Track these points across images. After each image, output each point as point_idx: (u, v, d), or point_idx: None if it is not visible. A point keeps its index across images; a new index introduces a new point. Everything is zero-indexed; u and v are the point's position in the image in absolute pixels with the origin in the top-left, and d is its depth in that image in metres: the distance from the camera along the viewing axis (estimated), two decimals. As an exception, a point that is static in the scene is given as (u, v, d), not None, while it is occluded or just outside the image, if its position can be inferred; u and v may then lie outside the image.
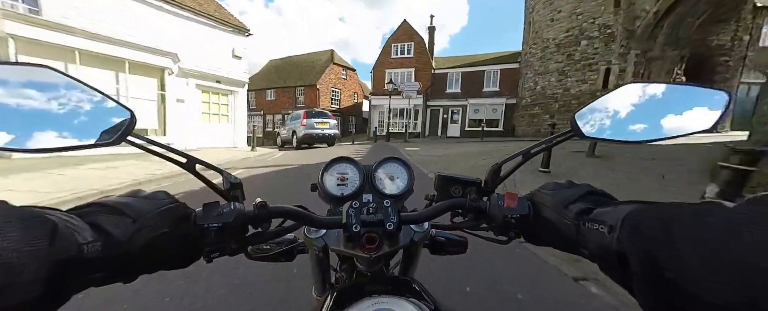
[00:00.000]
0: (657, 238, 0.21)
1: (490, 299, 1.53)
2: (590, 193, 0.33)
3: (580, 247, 0.30)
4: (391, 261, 0.57)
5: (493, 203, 0.38)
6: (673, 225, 0.20)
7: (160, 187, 0.81)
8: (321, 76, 23.28)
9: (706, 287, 0.17)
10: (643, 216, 0.23)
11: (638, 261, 0.22)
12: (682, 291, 0.18)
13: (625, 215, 0.24)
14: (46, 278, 0.20)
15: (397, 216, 0.38)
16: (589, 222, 0.28)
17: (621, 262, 0.23)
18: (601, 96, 0.36)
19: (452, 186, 0.45)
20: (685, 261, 0.18)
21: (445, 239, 0.56)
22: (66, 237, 0.21)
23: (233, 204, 0.34)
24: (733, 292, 0.16)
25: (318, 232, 0.45)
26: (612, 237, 0.25)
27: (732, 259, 0.16)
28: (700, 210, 0.20)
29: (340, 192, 0.52)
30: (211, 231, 0.32)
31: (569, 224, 0.31)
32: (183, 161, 0.34)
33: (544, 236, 0.36)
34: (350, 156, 0.55)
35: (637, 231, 0.23)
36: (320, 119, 11.11)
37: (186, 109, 9.42)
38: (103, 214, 0.27)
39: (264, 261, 0.50)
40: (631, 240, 0.23)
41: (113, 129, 0.30)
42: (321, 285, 0.55)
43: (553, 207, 0.34)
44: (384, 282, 0.42)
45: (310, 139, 10.92)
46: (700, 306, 0.17)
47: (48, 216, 0.21)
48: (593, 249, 0.28)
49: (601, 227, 0.26)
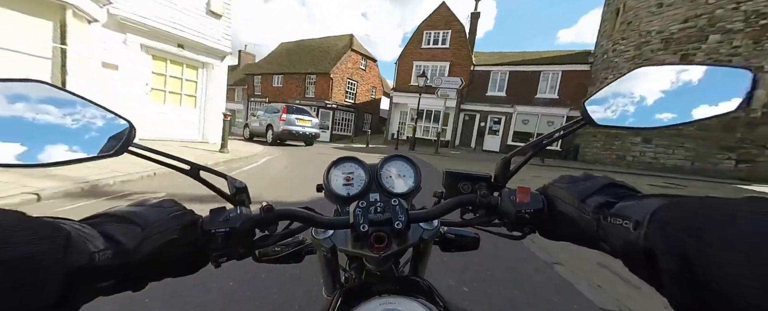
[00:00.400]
0: (690, 236, 0.19)
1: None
2: (610, 185, 0.32)
3: (601, 242, 0.29)
4: (400, 260, 0.56)
5: (505, 198, 0.38)
6: (710, 223, 0.19)
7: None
8: (336, 64, 19.81)
9: (746, 289, 0.16)
10: (673, 212, 0.22)
11: (669, 260, 0.20)
12: (716, 292, 0.17)
13: (653, 210, 0.23)
14: (59, 285, 0.20)
15: (405, 215, 0.38)
16: (611, 217, 0.27)
17: (648, 259, 0.22)
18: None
19: (461, 183, 0.45)
20: (722, 262, 0.17)
21: (456, 236, 0.54)
22: (78, 246, 0.22)
23: (239, 209, 0.34)
24: None
25: (326, 233, 0.45)
26: (638, 233, 0.23)
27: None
28: (741, 207, 0.18)
29: (346, 191, 0.52)
30: (219, 236, 0.32)
31: (588, 218, 0.30)
32: (187, 168, 0.35)
33: (560, 231, 0.35)
34: (355, 156, 0.56)
35: (668, 229, 0.21)
36: (301, 116, 9.99)
37: (122, 82, 6.08)
38: (113, 223, 0.27)
39: (272, 263, 0.48)
40: (661, 238, 0.21)
41: (113, 140, 0.30)
42: (331, 285, 0.53)
43: (569, 201, 0.33)
44: (393, 282, 0.41)
45: (289, 136, 9.73)
46: (737, 308, 0.17)
47: (61, 225, 0.22)
48: (616, 245, 0.26)
49: (626, 222, 0.25)
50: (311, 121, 10.25)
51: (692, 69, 0.30)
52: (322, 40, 23.60)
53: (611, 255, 0.28)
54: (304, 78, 20.89)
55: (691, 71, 0.30)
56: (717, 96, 0.28)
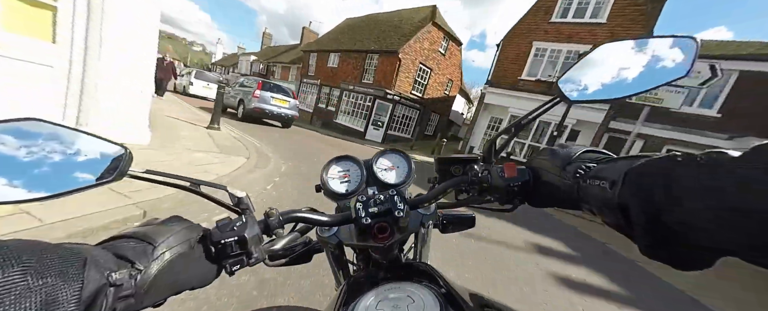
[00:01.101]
0: (660, 191, 0.22)
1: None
2: (587, 152, 0.35)
3: (582, 203, 0.31)
4: (404, 248, 0.58)
5: (494, 175, 0.40)
6: (677, 178, 0.21)
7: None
8: (408, 41, 14.43)
9: (705, 232, 0.19)
10: (644, 170, 0.24)
11: (640, 213, 0.23)
12: (682, 238, 0.20)
13: (626, 170, 0.26)
14: (83, 306, 0.22)
15: (404, 203, 0.40)
16: (589, 179, 0.30)
17: (623, 214, 0.25)
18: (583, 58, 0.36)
19: (453, 166, 0.49)
20: (687, 211, 0.20)
21: (453, 217, 0.57)
22: (96, 269, 0.23)
23: (244, 217, 0.36)
24: (740, 238, 0.17)
25: (330, 230, 0.46)
26: (613, 192, 0.26)
27: (736, 207, 0.17)
28: (706, 160, 0.20)
29: (344, 188, 0.55)
30: (228, 245, 0.33)
31: (570, 183, 0.32)
32: (187, 185, 0.37)
33: (546, 199, 0.37)
34: (347, 154, 0.59)
35: (640, 185, 0.24)
36: (278, 95, 8.95)
37: None
38: (125, 244, 0.28)
39: (282, 266, 0.49)
40: (633, 194, 0.24)
41: (111, 166, 0.31)
42: (341, 278, 0.56)
43: (552, 170, 0.36)
44: (396, 269, 0.42)
45: (262, 114, 8.68)
46: (699, 250, 0.20)
47: (79, 251, 0.24)
48: (595, 204, 0.29)
49: (603, 183, 0.28)
50: (289, 101, 9.28)
51: (646, 41, 0.34)
52: (394, 13, 18.49)
53: (591, 213, 0.31)
54: (363, 58, 16.18)
55: (645, 43, 0.34)
56: (669, 63, 0.32)
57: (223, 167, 3.32)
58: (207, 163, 3.33)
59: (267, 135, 7.29)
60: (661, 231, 0.22)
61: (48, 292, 0.20)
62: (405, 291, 0.33)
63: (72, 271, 0.22)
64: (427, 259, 0.58)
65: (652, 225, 0.22)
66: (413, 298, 0.32)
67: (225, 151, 4.12)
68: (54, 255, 0.22)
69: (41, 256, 0.21)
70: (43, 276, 0.20)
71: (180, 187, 0.36)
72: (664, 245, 0.22)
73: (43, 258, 0.21)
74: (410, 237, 0.49)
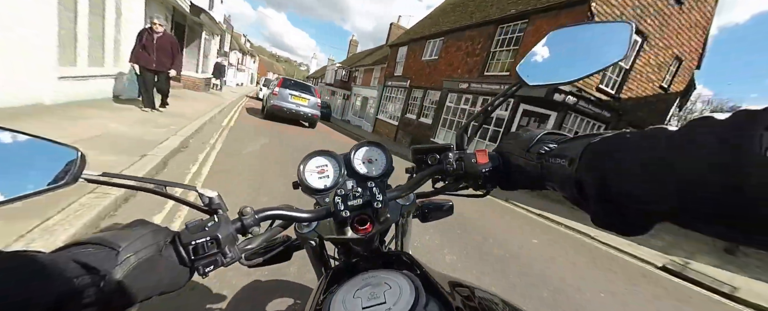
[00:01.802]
0: (607, 163, 0.24)
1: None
2: (548, 134, 0.36)
3: (546, 182, 0.33)
4: (386, 239, 0.58)
5: (467, 162, 0.41)
6: (621, 150, 0.24)
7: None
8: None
9: (647, 197, 0.20)
10: (598, 148, 0.26)
11: (591, 185, 0.25)
12: (624, 206, 0.23)
13: (583, 148, 0.28)
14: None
15: (382, 195, 0.40)
16: (551, 158, 0.32)
17: (579, 189, 0.27)
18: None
19: (429, 155, 0.47)
20: (628, 178, 0.22)
21: (432, 206, 0.60)
22: (55, 276, 0.22)
23: (216, 217, 0.34)
24: (668, 201, 0.19)
25: (310, 226, 0.46)
26: (572, 169, 0.28)
27: (670, 171, 0.19)
28: (645, 133, 0.23)
29: (322, 184, 0.53)
30: (200, 246, 0.32)
31: (534, 164, 0.34)
32: (151, 187, 0.34)
33: (515, 182, 0.39)
34: (324, 149, 0.57)
35: (592, 160, 0.26)
36: (298, 92, 8.57)
37: None
38: (86, 250, 0.27)
39: (260, 266, 0.49)
40: (587, 169, 0.26)
41: (64, 170, 0.29)
42: (323, 274, 0.54)
43: (518, 153, 0.37)
44: (376, 258, 0.42)
45: (280, 112, 8.39)
46: (641, 214, 0.22)
47: (37, 258, 0.23)
48: (556, 181, 0.31)
49: (563, 161, 0.30)
50: (309, 99, 8.73)
51: (588, 26, 0.37)
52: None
53: (554, 190, 0.33)
54: (491, 33, 9.20)
55: (588, 29, 0.36)
56: (610, 47, 0.34)
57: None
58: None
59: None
60: (608, 201, 0.24)
61: (5, 304, 0.19)
62: (383, 279, 0.34)
63: (31, 280, 0.21)
64: (408, 248, 0.59)
65: (601, 196, 0.25)
66: (390, 285, 0.33)
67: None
68: (12, 264, 0.21)
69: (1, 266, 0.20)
70: (6, 288, 0.19)
71: (143, 189, 0.34)
72: (610, 214, 0.25)
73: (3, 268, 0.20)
74: (391, 227, 0.50)
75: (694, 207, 0.18)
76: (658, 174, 0.20)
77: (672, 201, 0.19)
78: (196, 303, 1.37)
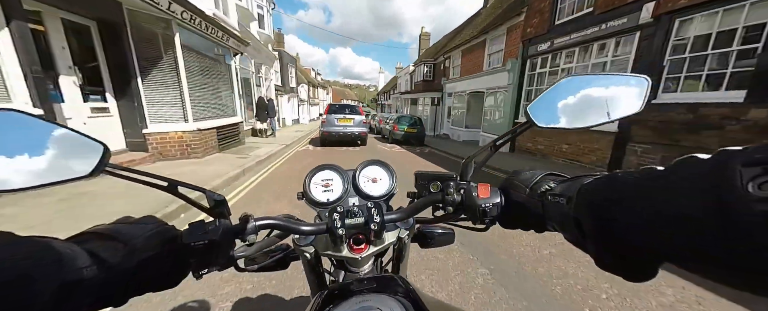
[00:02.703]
0: (605, 203, 0.24)
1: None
2: (549, 174, 0.37)
3: (547, 221, 0.33)
4: (383, 260, 0.60)
5: (468, 195, 0.40)
6: (614, 191, 0.24)
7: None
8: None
9: (642, 238, 0.21)
10: (592, 187, 0.27)
11: (590, 226, 0.25)
12: (626, 247, 0.22)
13: (578, 187, 0.28)
14: (51, 303, 0.22)
15: (380, 216, 0.40)
16: (552, 197, 0.32)
17: (578, 229, 0.27)
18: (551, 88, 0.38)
19: (431, 182, 0.47)
20: (626, 218, 0.22)
21: (431, 232, 0.59)
22: (68, 264, 0.24)
23: (219, 221, 0.35)
24: (669, 240, 0.19)
25: (307, 239, 0.46)
26: (569, 207, 0.28)
27: (661, 211, 0.19)
28: (639, 176, 0.23)
29: (325, 198, 0.54)
30: (198, 248, 0.33)
31: (535, 202, 0.34)
32: (164, 185, 0.35)
33: (516, 220, 0.38)
34: (333, 163, 0.58)
35: (588, 201, 0.26)
36: (342, 115, 9.02)
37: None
38: (97, 241, 0.28)
39: (255, 272, 0.49)
40: (584, 208, 0.26)
41: (89, 161, 0.31)
42: (316, 289, 0.54)
43: (520, 190, 0.37)
44: (370, 281, 0.41)
45: (330, 136, 8.92)
46: (640, 257, 0.22)
47: (52, 245, 0.24)
48: (556, 220, 0.31)
49: (562, 200, 0.30)
50: (353, 118, 9.06)
51: (606, 77, 0.36)
52: None
53: (554, 231, 0.33)
54: None
55: (605, 78, 0.36)
56: (625, 99, 0.34)
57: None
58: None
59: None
60: (608, 242, 0.24)
61: (18, 285, 0.20)
62: (376, 304, 0.34)
63: (45, 265, 0.22)
64: (405, 273, 0.57)
65: (601, 237, 0.24)
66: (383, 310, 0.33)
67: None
68: (25, 248, 0.22)
69: (10, 249, 0.21)
70: (14, 269, 0.20)
71: (156, 186, 0.35)
72: (612, 256, 0.24)
73: (12, 250, 0.21)
74: (388, 250, 0.51)
75: (690, 247, 0.18)
76: (650, 215, 0.20)
77: (667, 242, 0.19)
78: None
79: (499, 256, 2.31)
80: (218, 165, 4.94)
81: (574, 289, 1.88)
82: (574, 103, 0.37)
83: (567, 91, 0.37)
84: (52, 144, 0.28)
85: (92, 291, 0.26)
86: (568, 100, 0.37)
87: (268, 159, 6.27)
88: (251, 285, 1.78)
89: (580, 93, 0.36)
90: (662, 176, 0.21)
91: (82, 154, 0.30)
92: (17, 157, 0.26)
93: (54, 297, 0.22)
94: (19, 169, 0.26)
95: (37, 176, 0.27)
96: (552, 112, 0.38)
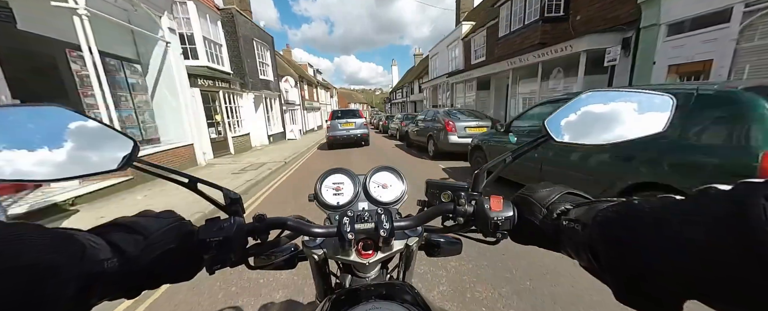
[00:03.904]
0: (620, 234, 0.23)
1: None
2: (568, 194, 0.35)
3: (561, 245, 0.32)
4: (389, 266, 0.59)
5: (480, 206, 0.39)
6: (631, 219, 0.23)
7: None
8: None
9: (665, 271, 0.20)
10: (607, 214, 0.26)
11: (606, 256, 0.24)
12: (646, 278, 0.21)
13: (594, 214, 0.27)
14: (74, 292, 0.22)
15: (390, 223, 0.40)
16: (567, 221, 0.30)
17: (594, 257, 0.26)
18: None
19: (442, 192, 0.47)
20: (646, 253, 0.21)
21: (439, 242, 0.57)
22: (92, 254, 0.24)
23: (233, 218, 0.36)
24: (686, 274, 0.18)
25: (316, 241, 0.46)
26: (585, 234, 0.27)
27: (683, 244, 0.19)
28: (658, 205, 0.22)
29: (336, 201, 0.54)
30: (213, 244, 0.34)
31: (550, 224, 0.33)
32: (185, 181, 0.36)
33: (528, 236, 0.37)
34: (345, 167, 0.59)
35: (605, 230, 0.25)
36: (345, 119, 9.99)
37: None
38: (119, 233, 0.29)
39: (265, 270, 0.50)
40: (600, 237, 0.25)
41: (120, 155, 0.32)
42: (322, 290, 0.55)
43: (535, 208, 0.35)
44: (378, 287, 0.41)
45: (335, 140, 9.89)
46: (662, 290, 0.20)
47: (76, 236, 0.25)
48: (571, 247, 0.30)
49: (577, 225, 0.29)
50: (355, 122, 9.85)
51: (629, 93, 0.35)
52: None
53: (569, 256, 0.31)
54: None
55: (628, 95, 0.35)
56: (647, 117, 0.33)
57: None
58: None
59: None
60: (626, 274, 0.22)
61: (45, 274, 0.20)
62: (387, 310, 0.34)
63: (70, 255, 0.22)
64: (410, 280, 0.56)
65: (618, 268, 0.23)
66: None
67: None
68: (52, 238, 0.22)
69: (38, 238, 0.21)
70: (41, 258, 0.20)
71: (178, 182, 0.36)
72: (631, 289, 0.22)
73: (39, 240, 0.21)
74: (395, 257, 0.50)
75: (713, 283, 0.17)
76: (670, 247, 0.19)
77: (687, 276, 0.18)
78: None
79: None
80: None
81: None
82: (594, 119, 0.36)
83: (588, 106, 0.36)
84: (88, 137, 0.30)
85: (112, 282, 0.26)
86: (587, 116, 0.36)
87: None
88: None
89: (601, 109, 0.36)
90: (682, 207, 0.20)
91: (115, 147, 0.32)
92: (57, 149, 0.28)
93: (77, 289, 0.22)
94: (60, 160, 0.27)
95: (75, 168, 0.28)
96: (570, 127, 0.37)
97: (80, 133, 0.29)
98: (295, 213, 0.47)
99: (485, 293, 1.77)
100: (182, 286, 1.92)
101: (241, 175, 5.53)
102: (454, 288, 1.84)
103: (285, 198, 4.18)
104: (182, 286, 1.92)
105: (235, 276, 2.04)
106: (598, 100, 0.36)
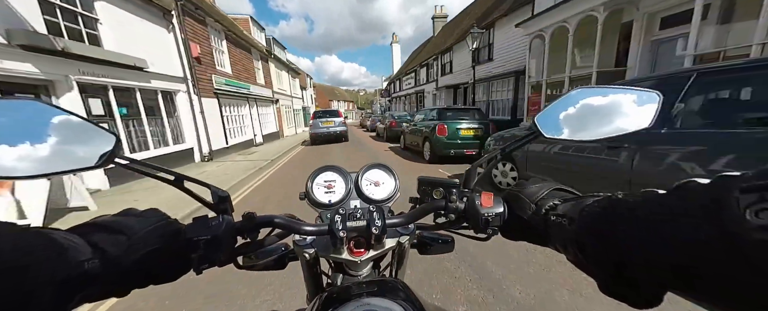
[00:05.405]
0: (605, 228, 0.24)
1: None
2: (556, 190, 0.36)
3: (549, 239, 0.33)
4: (381, 264, 0.59)
5: (471, 203, 0.40)
6: (617, 216, 0.24)
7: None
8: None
9: (647, 265, 0.20)
10: (594, 210, 0.26)
11: (591, 249, 0.25)
12: (627, 270, 0.22)
13: (581, 209, 0.28)
14: (53, 294, 0.21)
15: (382, 221, 0.40)
16: (555, 216, 0.31)
17: (581, 251, 0.27)
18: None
19: (434, 189, 0.48)
20: (626, 246, 0.22)
21: (431, 239, 0.58)
22: (70, 256, 0.24)
23: (221, 217, 0.36)
24: (666, 265, 0.19)
25: (307, 240, 0.45)
26: (572, 229, 0.28)
27: (664, 236, 0.19)
28: (640, 199, 0.23)
29: (327, 199, 0.54)
30: (200, 243, 0.33)
31: (538, 219, 0.34)
32: (171, 179, 0.35)
33: (518, 232, 0.38)
34: (336, 165, 0.57)
35: (589, 224, 0.26)
36: (325, 118, 11.54)
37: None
38: (100, 233, 0.28)
39: (254, 270, 0.50)
40: (585, 231, 0.26)
41: (101, 152, 0.31)
42: (313, 290, 0.54)
43: (524, 204, 0.36)
44: (370, 284, 0.42)
45: (317, 137, 11.39)
46: (644, 281, 0.21)
47: (53, 236, 0.24)
48: (559, 241, 0.30)
49: (565, 220, 0.29)
50: (334, 120, 11.34)
51: (617, 90, 0.35)
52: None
53: (556, 251, 0.32)
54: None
55: (615, 92, 0.35)
56: (634, 113, 0.34)
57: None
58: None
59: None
60: (610, 267, 0.23)
61: (19, 277, 0.19)
62: (378, 307, 0.34)
63: (46, 256, 0.21)
64: (402, 277, 0.56)
65: (603, 261, 0.24)
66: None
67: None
68: (26, 239, 0.21)
69: (11, 240, 0.20)
70: (14, 261, 0.20)
71: (163, 179, 0.35)
72: (615, 281, 0.23)
73: (13, 241, 0.20)
74: (387, 254, 0.50)
75: (692, 274, 0.18)
76: (652, 240, 0.20)
77: (668, 268, 0.19)
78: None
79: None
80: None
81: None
82: (583, 115, 0.36)
83: (576, 103, 0.37)
84: (67, 133, 0.29)
85: (95, 283, 0.25)
86: (576, 112, 0.37)
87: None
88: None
89: (590, 105, 0.36)
90: (663, 201, 0.21)
91: (96, 143, 0.30)
92: (34, 145, 0.26)
93: (56, 290, 0.22)
94: (37, 156, 0.26)
95: (52, 164, 0.27)
96: (559, 123, 0.37)
97: (58, 128, 0.28)
98: (287, 212, 0.46)
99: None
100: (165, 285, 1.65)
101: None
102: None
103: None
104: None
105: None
106: (586, 96, 0.37)
